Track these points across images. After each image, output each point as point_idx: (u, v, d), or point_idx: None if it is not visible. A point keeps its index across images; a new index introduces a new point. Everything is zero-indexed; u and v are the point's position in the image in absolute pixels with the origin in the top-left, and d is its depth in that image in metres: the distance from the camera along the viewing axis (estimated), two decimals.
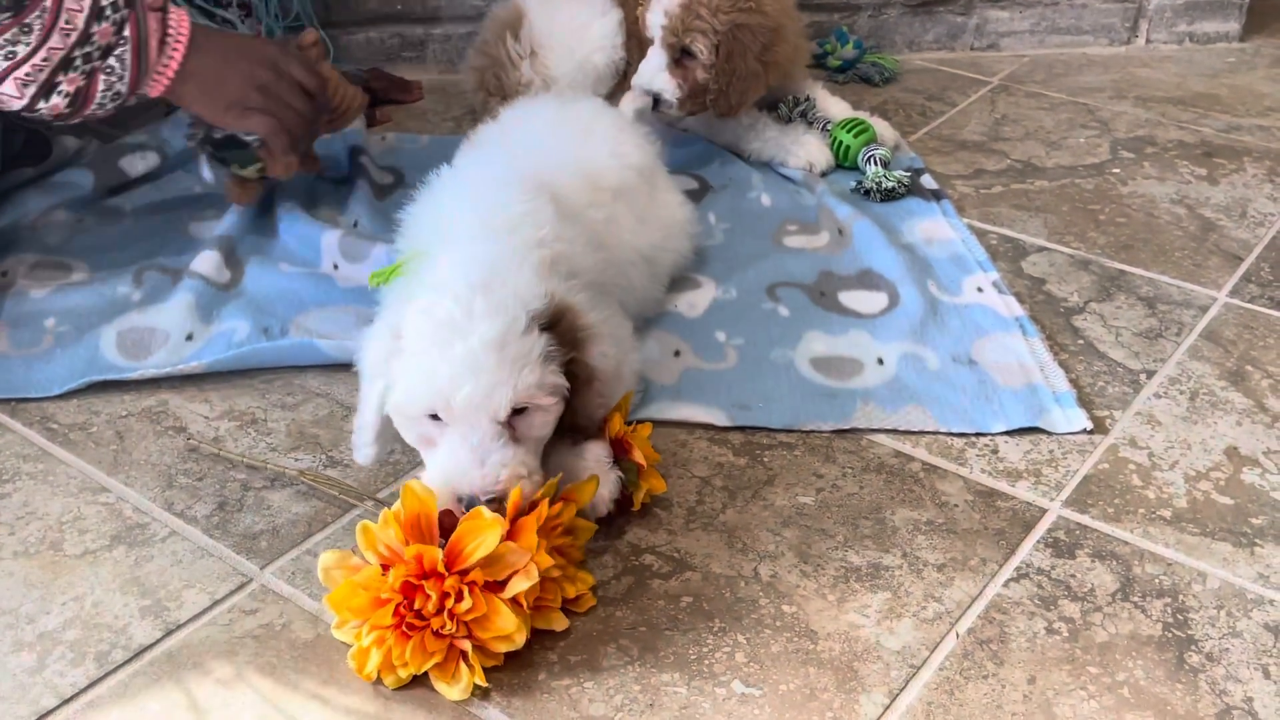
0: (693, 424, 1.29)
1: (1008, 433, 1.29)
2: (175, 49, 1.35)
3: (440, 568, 0.97)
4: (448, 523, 1.01)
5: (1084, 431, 1.29)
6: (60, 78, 1.30)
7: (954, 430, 1.29)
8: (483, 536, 0.98)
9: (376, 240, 1.52)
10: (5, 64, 1.28)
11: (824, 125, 1.86)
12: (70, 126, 1.80)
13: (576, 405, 1.11)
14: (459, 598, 0.97)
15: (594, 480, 1.10)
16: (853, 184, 1.77)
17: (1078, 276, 1.58)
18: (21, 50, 1.27)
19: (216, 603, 1.06)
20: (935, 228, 1.67)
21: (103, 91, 1.33)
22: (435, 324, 1.04)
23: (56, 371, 1.33)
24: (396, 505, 1.01)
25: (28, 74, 1.28)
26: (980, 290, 1.52)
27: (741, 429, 1.29)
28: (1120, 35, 2.40)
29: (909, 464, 1.24)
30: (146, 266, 1.51)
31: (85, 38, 1.29)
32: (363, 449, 1.13)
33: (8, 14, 1.25)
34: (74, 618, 1.04)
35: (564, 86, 1.88)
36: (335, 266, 1.52)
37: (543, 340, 1.06)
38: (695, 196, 1.73)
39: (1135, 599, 1.09)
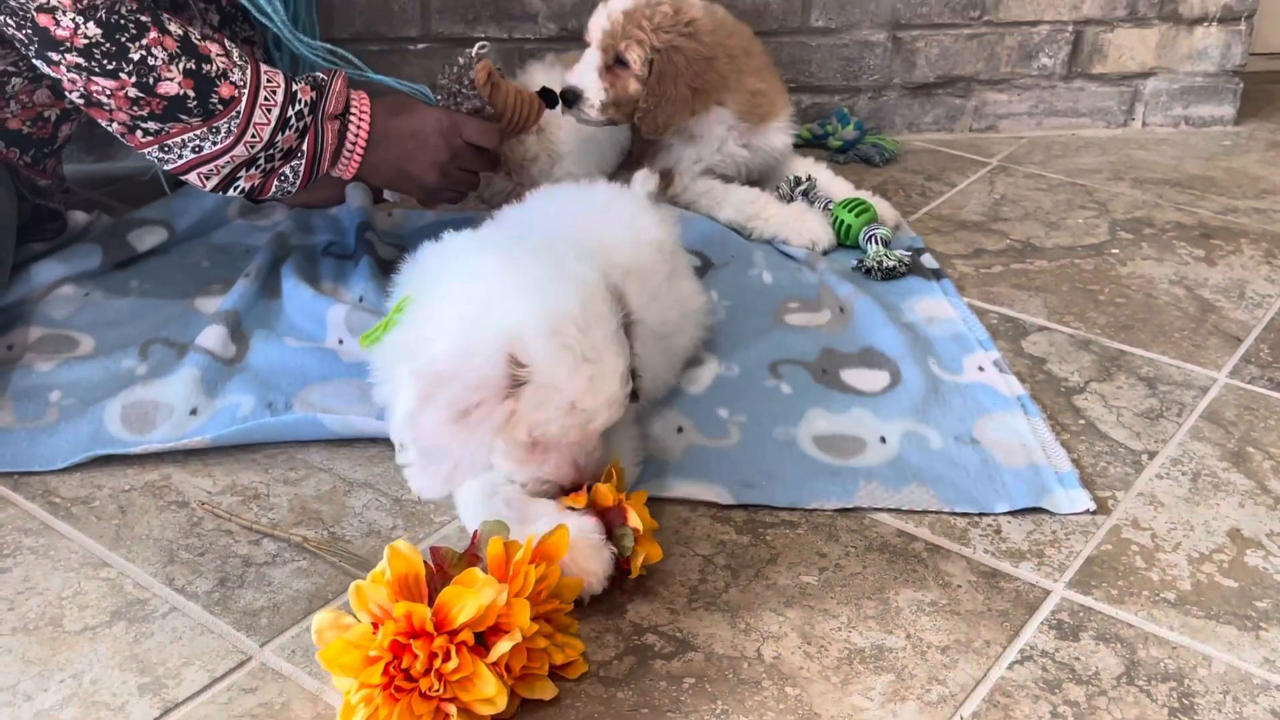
0: (695, 501, 1.29)
1: (1010, 513, 1.29)
2: (354, 150, 1.47)
3: (429, 627, 0.97)
4: (435, 584, 1.01)
5: (1087, 512, 1.29)
6: (240, 174, 1.41)
7: (957, 510, 1.29)
8: (471, 597, 0.98)
9: (381, 315, 1.53)
10: (192, 156, 1.38)
11: (825, 204, 1.88)
12: (79, 202, 1.83)
13: None
14: (446, 657, 0.97)
15: (563, 529, 1.08)
16: (854, 262, 1.79)
17: (1078, 356, 1.59)
18: (208, 148, 1.37)
19: (216, 680, 1.05)
20: (936, 306, 1.68)
21: (274, 189, 1.46)
22: (570, 356, 1.08)
23: (60, 445, 1.33)
24: (382, 565, 1.01)
25: (210, 170, 1.40)
26: (981, 369, 1.53)
27: (744, 507, 1.29)
28: (1117, 118, 2.43)
29: (912, 544, 1.24)
30: (152, 340, 1.51)
31: (269, 144, 1.39)
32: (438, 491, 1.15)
33: (197, 118, 1.33)
34: (72, 695, 1.03)
35: (569, 162, 1.91)
36: (340, 341, 1.52)
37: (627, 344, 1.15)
38: (698, 273, 1.74)
39: (1140, 683, 1.08)
